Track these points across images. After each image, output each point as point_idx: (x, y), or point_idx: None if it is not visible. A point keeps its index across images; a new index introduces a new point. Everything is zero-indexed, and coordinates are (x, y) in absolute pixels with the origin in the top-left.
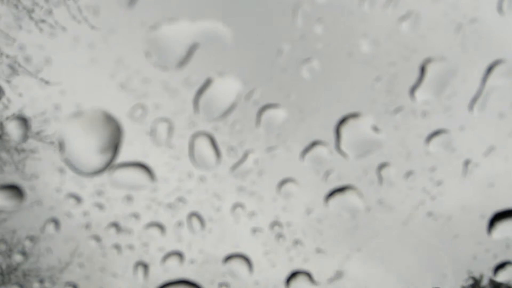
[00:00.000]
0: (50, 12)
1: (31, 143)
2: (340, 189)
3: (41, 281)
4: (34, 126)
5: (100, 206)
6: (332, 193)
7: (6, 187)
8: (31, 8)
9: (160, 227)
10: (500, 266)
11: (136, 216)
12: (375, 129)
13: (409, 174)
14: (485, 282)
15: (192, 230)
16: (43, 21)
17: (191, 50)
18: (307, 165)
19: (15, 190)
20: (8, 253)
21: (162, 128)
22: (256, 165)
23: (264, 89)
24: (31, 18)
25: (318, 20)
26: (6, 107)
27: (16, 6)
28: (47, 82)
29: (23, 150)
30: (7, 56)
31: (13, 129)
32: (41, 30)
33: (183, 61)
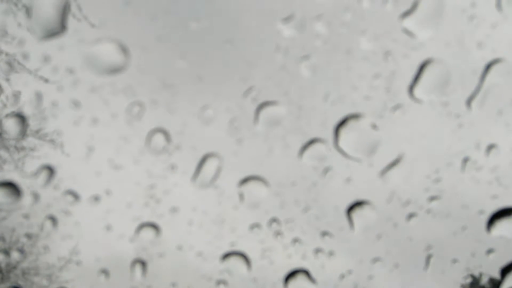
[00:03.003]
0: None
1: (30, 141)
2: None
3: (40, 280)
4: (33, 124)
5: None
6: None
7: (3, 185)
8: (31, 5)
9: (156, 225)
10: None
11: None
12: (374, 126)
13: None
14: (484, 280)
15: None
16: None
17: None
18: (306, 163)
19: (12, 187)
20: (7, 251)
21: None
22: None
23: (262, 86)
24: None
25: (317, 17)
26: (5, 105)
27: (15, 4)
28: (46, 80)
29: (22, 148)
30: (6, 54)
31: (11, 126)
32: None
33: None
